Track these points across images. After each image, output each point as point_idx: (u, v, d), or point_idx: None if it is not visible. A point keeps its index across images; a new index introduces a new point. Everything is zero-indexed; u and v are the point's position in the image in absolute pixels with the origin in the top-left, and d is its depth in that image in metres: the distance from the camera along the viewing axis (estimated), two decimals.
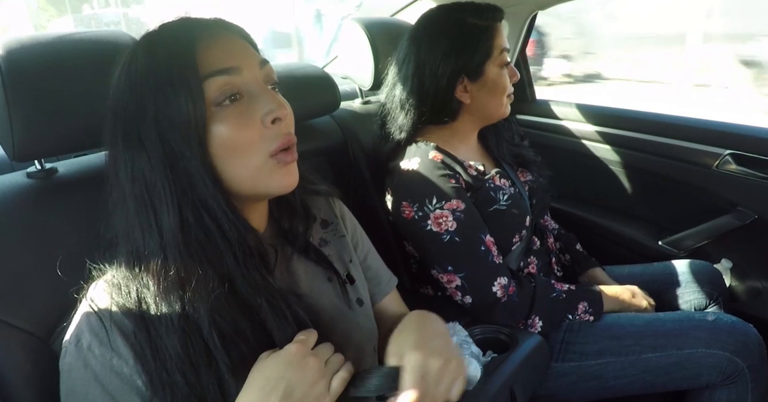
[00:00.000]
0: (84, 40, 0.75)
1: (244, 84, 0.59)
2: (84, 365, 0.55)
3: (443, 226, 0.99)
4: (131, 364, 0.55)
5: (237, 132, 0.57)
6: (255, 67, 0.60)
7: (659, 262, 1.34)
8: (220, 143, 0.57)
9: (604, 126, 1.57)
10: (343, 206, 0.84)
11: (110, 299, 0.57)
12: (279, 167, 0.60)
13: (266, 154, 0.59)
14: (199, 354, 0.55)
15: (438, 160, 1.03)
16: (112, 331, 0.55)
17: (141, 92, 0.57)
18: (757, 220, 1.31)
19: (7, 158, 0.72)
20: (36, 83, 0.69)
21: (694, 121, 1.43)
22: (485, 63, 1.04)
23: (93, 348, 0.55)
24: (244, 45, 0.62)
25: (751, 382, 0.99)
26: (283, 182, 0.61)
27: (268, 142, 0.59)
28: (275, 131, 0.59)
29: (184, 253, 0.56)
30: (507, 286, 1.01)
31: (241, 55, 0.60)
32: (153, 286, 0.56)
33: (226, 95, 0.57)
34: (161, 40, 0.59)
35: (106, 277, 0.59)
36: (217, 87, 0.57)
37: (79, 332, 0.57)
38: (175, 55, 0.56)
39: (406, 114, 1.07)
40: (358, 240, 0.83)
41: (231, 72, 0.58)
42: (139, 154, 0.57)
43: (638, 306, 1.14)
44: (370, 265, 0.84)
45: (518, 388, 0.84)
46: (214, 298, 0.55)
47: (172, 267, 0.55)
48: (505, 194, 1.08)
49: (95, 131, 0.74)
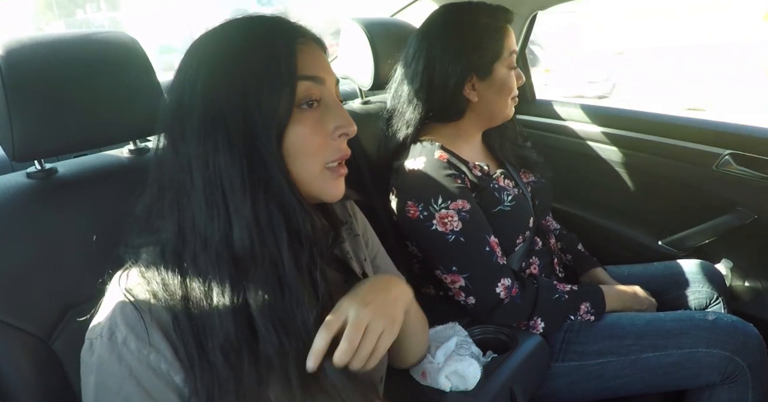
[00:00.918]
0: (84, 40, 0.75)
1: (324, 94, 0.62)
2: (118, 360, 0.54)
3: (448, 227, 0.99)
4: (170, 360, 0.54)
5: (309, 136, 0.60)
6: (333, 82, 0.64)
7: (659, 262, 1.33)
8: (294, 142, 0.59)
9: (603, 126, 1.56)
10: (354, 205, 0.85)
11: (148, 291, 0.56)
12: (332, 177, 0.63)
13: (324, 163, 0.62)
14: (244, 339, 0.55)
15: (444, 159, 1.03)
16: (151, 326, 0.54)
17: (239, 83, 0.57)
18: (757, 220, 1.31)
19: (7, 158, 0.72)
20: (36, 83, 0.69)
21: (694, 121, 1.43)
22: (495, 62, 1.05)
23: (129, 342, 0.54)
24: (326, 58, 0.65)
25: (752, 382, 0.99)
26: (333, 192, 0.64)
27: (330, 152, 0.62)
28: (338, 144, 0.62)
29: (255, 241, 0.56)
30: (510, 288, 1.01)
31: (326, 67, 0.63)
32: (210, 274, 0.56)
33: (308, 99, 0.60)
34: (261, 34, 0.60)
35: (140, 268, 0.58)
36: (303, 90, 0.59)
37: (112, 324, 0.55)
38: (280, 52, 0.58)
39: (414, 109, 1.08)
40: (369, 239, 0.84)
41: (317, 80, 0.61)
42: (217, 145, 0.56)
43: (640, 305, 1.14)
44: (380, 264, 0.84)
45: (518, 389, 0.84)
46: (269, 287, 0.56)
47: (230, 257, 0.56)
48: (509, 195, 1.08)
49: (95, 131, 0.74)
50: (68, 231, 0.72)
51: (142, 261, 0.59)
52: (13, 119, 0.67)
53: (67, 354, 0.68)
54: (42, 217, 0.72)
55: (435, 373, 0.79)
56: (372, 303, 0.60)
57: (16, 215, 0.70)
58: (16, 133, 0.68)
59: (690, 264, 1.28)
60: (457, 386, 0.80)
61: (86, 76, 0.72)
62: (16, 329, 0.66)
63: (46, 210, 0.73)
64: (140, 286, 0.56)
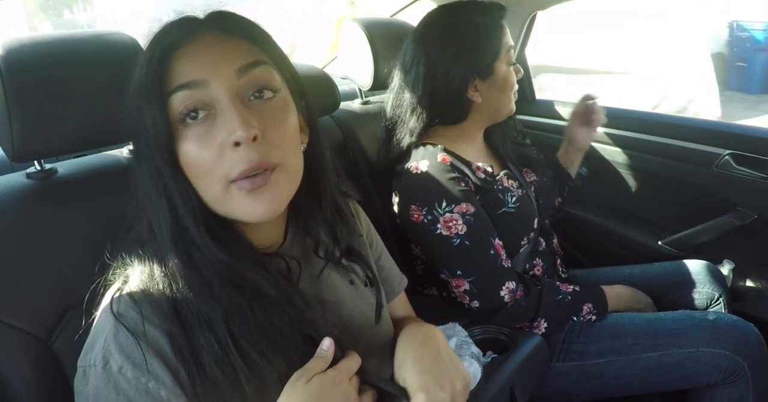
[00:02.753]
0: (84, 40, 0.75)
1: (212, 99, 0.53)
2: (115, 390, 0.51)
3: (453, 230, 0.98)
4: (169, 387, 0.51)
5: (197, 153, 0.53)
6: (229, 78, 0.53)
7: (659, 263, 1.34)
8: (186, 162, 0.54)
9: (604, 126, 1.56)
10: (357, 205, 0.82)
11: (140, 314, 0.53)
12: (243, 195, 0.54)
13: (225, 180, 0.53)
14: (230, 352, 0.53)
15: (447, 162, 1.01)
16: (148, 352, 0.51)
17: (132, 103, 0.56)
18: (757, 220, 1.31)
19: (7, 158, 0.72)
20: (36, 83, 0.69)
21: (694, 121, 1.43)
22: (495, 61, 1.04)
23: (125, 371, 0.51)
24: (224, 49, 0.55)
25: (752, 381, 0.99)
26: (250, 211, 0.55)
27: (229, 166, 0.53)
28: (239, 155, 0.52)
29: (186, 263, 0.55)
30: (514, 291, 1.01)
31: (211, 65, 0.53)
32: (180, 286, 0.54)
33: (186, 112, 0.53)
34: (149, 46, 0.56)
35: (130, 285, 0.56)
36: (179, 102, 0.53)
37: (106, 353, 0.52)
38: (149, 64, 0.54)
39: (418, 117, 1.05)
40: (373, 239, 0.82)
41: (194, 86, 0.53)
42: (139, 162, 0.56)
43: (638, 304, 1.14)
44: (383, 265, 0.83)
45: (518, 389, 0.84)
46: (229, 304, 0.54)
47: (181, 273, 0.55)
48: (513, 196, 1.07)
49: (95, 131, 0.74)
50: (68, 231, 0.72)
51: (133, 277, 0.57)
52: (13, 119, 0.67)
53: (67, 354, 0.67)
54: (42, 217, 0.72)
55: None
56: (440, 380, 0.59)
57: (15, 215, 0.70)
58: (16, 133, 0.68)
59: (690, 264, 1.28)
60: None
61: (86, 76, 0.72)
62: (16, 329, 0.66)
63: (46, 210, 0.73)
64: (133, 310, 0.53)
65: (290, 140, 0.57)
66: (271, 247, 0.64)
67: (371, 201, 1.16)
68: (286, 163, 0.56)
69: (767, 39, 5.43)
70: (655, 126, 1.46)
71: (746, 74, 5.74)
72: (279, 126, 0.56)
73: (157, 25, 0.58)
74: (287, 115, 0.57)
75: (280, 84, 0.58)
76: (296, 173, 0.59)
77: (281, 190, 0.56)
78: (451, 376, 0.60)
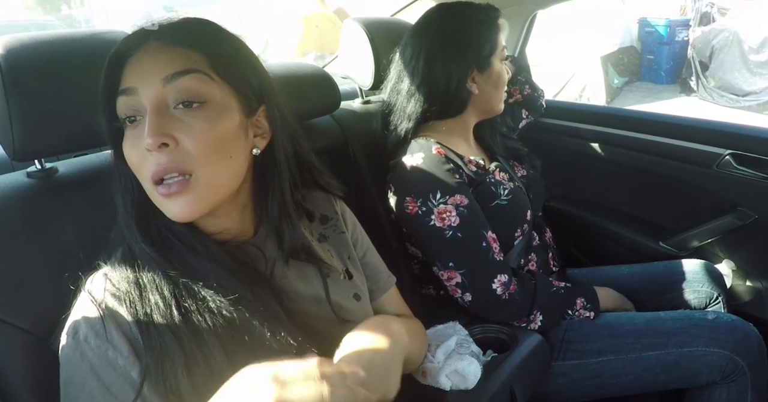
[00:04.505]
0: (84, 39, 0.75)
1: (142, 105, 0.58)
2: (81, 356, 0.56)
3: (446, 222, 0.99)
4: (125, 355, 0.56)
5: (128, 153, 0.60)
6: (155, 86, 0.57)
7: (659, 262, 1.34)
8: (127, 161, 0.61)
9: (603, 126, 1.57)
10: (343, 203, 0.84)
11: (104, 290, 0.59)
12: (162, 198, 0.59)
13: (150, 181, 0.59)
14: (176, 318, 0.58)
15: (442, 154, 1.03)
16: (108, 322, 0.57)
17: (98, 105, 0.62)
18: (757, 220, 1.31)
19: (7, 158, 0.72)
20: (36, 83, 0.69)
21: (694, 121, 1.43)
22: (492, 55, 1.08)
23: (89, 339, 0.56)
24: (156, 59, 0.59)
25: (751, 381, 0.99)
26: (168, 213, 0.60)
27: (147, 168, 0.58)
28: (151, 159, 0.57)
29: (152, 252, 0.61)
30: (507, 284, 1.01)
31: (142, 73, 0.58)
32: (146, 273, 0.60)
33: (125, 116, 0.60)
34: (109, 54, 0.61)
35: (103, 270, 0.62)
36: (120, 107, 0.59)
37: (76, 324, 0.58)
38: (104, 71, 0.60)
39: (416, 103, 1.08)
40: (358, 237, 0.83)
41: (128, 92, 0.59)
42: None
43: (625, 304, 1.16)
44: (369, 262, 0.84)
45: (518, 388, 0.84)
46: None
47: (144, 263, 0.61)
48: (506, 189, 1.09)
49: (95, 131, 0.74)
50: (68, 230, 0.72)
51: (110, 262, 0.62)
52: (13, 119, 0.67)
53: None
54: (42, 216, 0.72)
55: (435, 372, 0.79)
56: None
57: (16, 215, 0.71)
58: (17, 133, 0.68)
59: (690, 264, 1.28)
60: (458, 385, 0.79)
61: (86, 76, 0.72)
62: (16, 329, 0.66)
63: (46, 209, 0.73)
64: (100, 287, 0.60)
65: (211, 149, 0.59)
66: (239, 238, 0.68)
67: (372, 200, 1.16)
68: (204, 171, 0.59)
69: (669, 34, 6.26)
70: (655, 126, 1.46)
71: (654, 66, 6.49)
72: (198, 136, 0.58)
73: (145, 21, 0.62)
74: (214, 125, 0.59)
75: (213, 93, 0.60)
76: (218, 181, 0.61)
77: (196, 197, 0.59)
78: (376, 382, 0.59)
